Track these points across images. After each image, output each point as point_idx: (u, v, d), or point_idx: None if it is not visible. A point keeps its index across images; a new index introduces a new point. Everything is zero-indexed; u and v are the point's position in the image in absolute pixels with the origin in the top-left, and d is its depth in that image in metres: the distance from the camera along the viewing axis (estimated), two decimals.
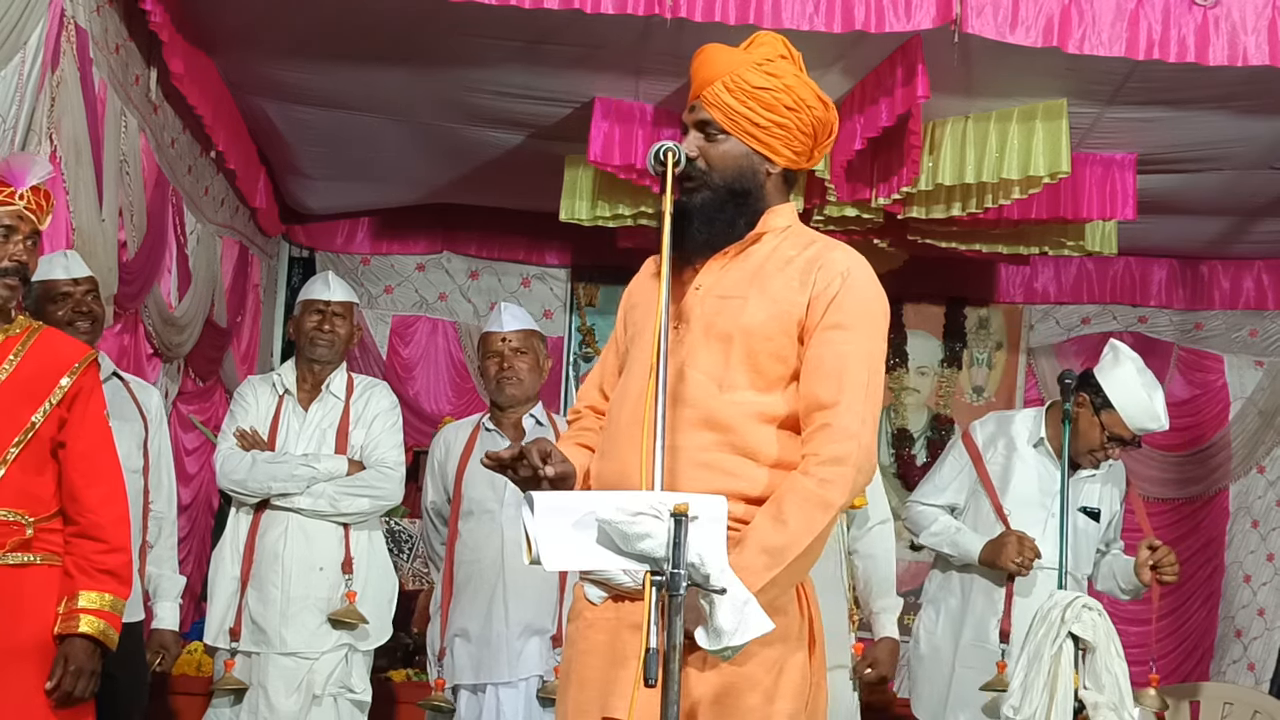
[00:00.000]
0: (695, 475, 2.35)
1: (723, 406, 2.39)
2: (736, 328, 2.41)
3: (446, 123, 5.68)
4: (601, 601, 2.44)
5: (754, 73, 2.47)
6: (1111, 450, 4.14)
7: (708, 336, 2.43)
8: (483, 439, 4.47)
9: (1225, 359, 7.25)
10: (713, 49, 2.54)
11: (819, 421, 2.36)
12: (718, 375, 2.41)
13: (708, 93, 2.47)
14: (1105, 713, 3.80)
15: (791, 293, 2.43)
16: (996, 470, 4.26)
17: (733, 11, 4.13)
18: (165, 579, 4.24)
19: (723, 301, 2.44)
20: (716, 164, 2.47)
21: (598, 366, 2.70)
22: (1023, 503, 4.18)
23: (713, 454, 2.38)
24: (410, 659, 5.94)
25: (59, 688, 2.90)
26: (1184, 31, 4.16)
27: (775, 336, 2.41)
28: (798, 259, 2.47)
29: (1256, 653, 6.96)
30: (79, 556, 2.98)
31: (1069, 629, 3.86)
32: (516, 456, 2.35)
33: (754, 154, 2.49)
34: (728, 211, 2.48)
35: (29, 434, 2.95)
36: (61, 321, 3.83)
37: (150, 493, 4.20)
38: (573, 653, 2.47)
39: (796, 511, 2.30)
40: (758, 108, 2.47)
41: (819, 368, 2.39)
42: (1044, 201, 5.43)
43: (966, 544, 4.25)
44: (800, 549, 2.29)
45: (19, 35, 3.64)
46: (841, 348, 2.38)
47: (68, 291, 3.92)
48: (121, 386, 4.17)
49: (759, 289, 2.44)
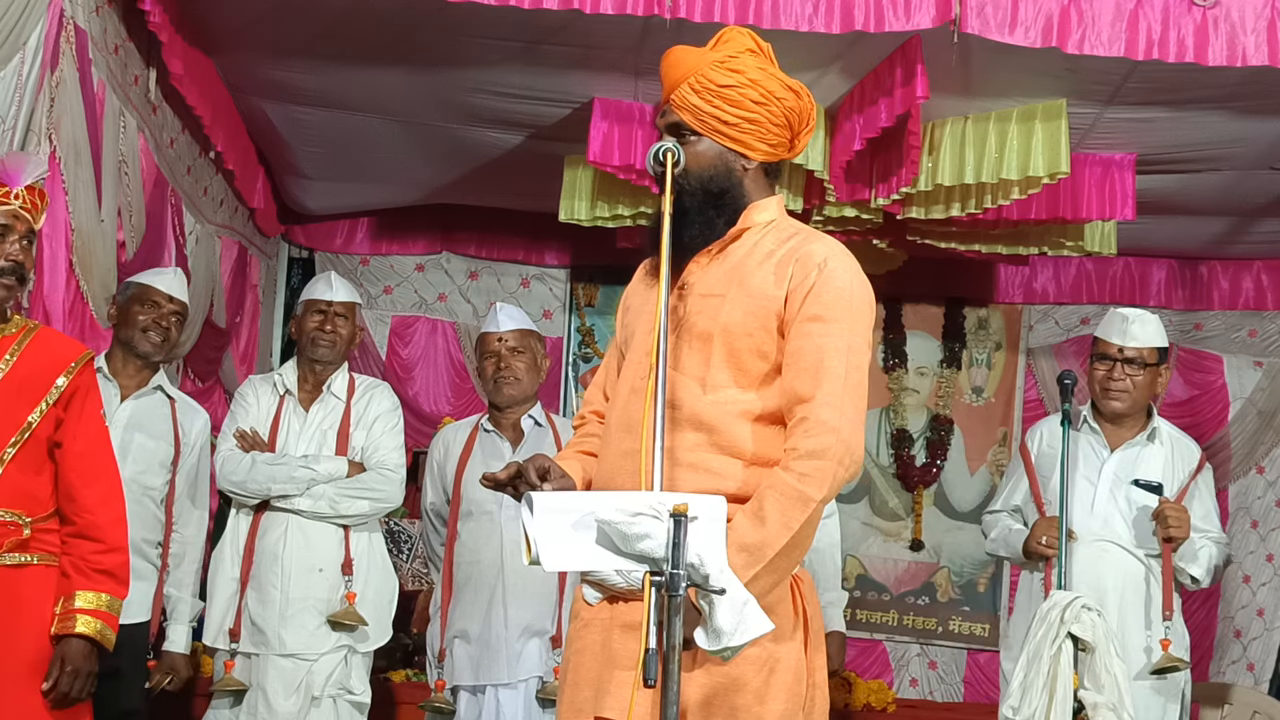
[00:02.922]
0: (683, 476, 2.36)
1: (706, 407, 2.39)
2: (716, 326, 2.42)
3: (446, 123, 5.68)
4: (597, 602, 2.45)
5: (717, 71, 2.48)
6: (1100, 370, 4.19)
7: (690, 336, 2.44)
8: (482, 440, 4.47)
9: (1224, 359, 7.24)
10: (679, 51, 2.54)
11: (798, 415, 2.35)
12: (700, 375, 2.42)
13: (676, 95, 2.49)
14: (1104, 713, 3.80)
15: (769, 286, 2.42)
16: (1045, 461, 4.29)
17: (732, 12, 4.13)
18: (183, 602, 4.29)
19: (704, 300, 2.45)
20: (691, 166, 2.47)
21: (601, 370, 2.71)
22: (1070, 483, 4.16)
23: (699, 454, 2.38)
24: (410, 660, 5.94)
25: (56, 688, 2.90)
26: (1183, 32, 4.16)
27: (755, 332, 2.41)
28: (777, 252, 2.47)
29: (1256, 653, 6.95)
30: (76, 557, 2.98)
31: (1068, 629, 3.86)
32: (515, 475, 2.36)
33: (728, 152, 2.50)
34: (706, 212, 2.48)
35: (25, 434, 2.95)
36: (138, 325, 4.13)
37: (178, 517, 4.25)
38: (569, 653, 2.49)
39: (775, 508, 2.29)
40: (725, 105, 2.47)
41: (797, 361, 2.38)
42: (1043, 202, 5.43)
43: (1015, 541, 4.29)
44: (779, 546, 2.28)
45: (18, 35, 3.64)
46: (819, 340, 2.37)
47: (158, 302, 4.17)
48: (165, 403, 4.23)
49: (738, 285, 2.44)
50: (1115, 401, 4.18)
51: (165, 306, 4.19)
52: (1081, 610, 3.87)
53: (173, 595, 4.26)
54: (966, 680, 7.20)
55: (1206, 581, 4.19)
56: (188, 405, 4.34)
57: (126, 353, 4.19)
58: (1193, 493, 4.21)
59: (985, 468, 7.30)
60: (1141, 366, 4.17)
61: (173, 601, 4.27)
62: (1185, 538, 4.06)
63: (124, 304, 4.18)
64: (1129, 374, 4.16)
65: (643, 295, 2.57)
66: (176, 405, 4.28)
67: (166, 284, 4.21)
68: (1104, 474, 4.19)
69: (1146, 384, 4.19)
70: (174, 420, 4.24)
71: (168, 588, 4.24)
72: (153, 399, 4.22)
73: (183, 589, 4.28)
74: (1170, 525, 4.03)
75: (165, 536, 4.22)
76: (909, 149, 4.87)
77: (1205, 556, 4.13)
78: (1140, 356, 4.17)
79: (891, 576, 7.28)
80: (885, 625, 7.25)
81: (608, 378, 2.67)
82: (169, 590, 4.25)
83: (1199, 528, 4.15)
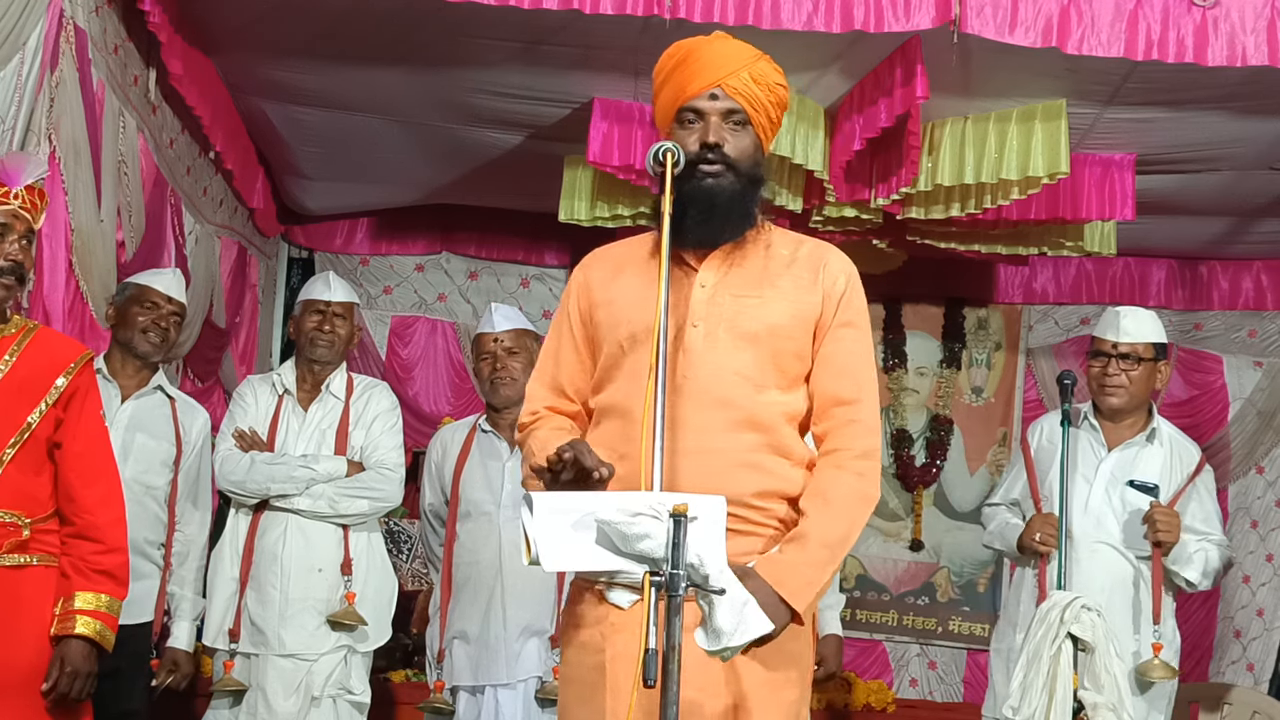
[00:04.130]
0: (742, 476, 2.38)
1: (760, 407, 2.42)
2: (763, 327, 2.44)
3: (445, 123, 5.68)
4: (631, 605, 2.40)
5: (770, 68, 2.50)
6: (1096, 367, 4.21)
7: (734, 336, 2.44)
8: (479, 440, 4.47)
9: (1224, 359, 7.23)
10: (726, 39, 2.54)
11: (845, 417, 2.42)
12: (752, 376, 2.43)
13: (733, 81, 2.46)
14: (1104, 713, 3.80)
15: (804, 291, 2.47)
16: (1044, 456, 4.29)
17: (732, 12, 4.13)
18: (186, 600, 4.30)
19: (740, 300, 2.45)
20: (739, 154, 2.47)
21: (550, 365, 2.60)
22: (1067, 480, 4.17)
23: (758, 454, 2.41)
24: (410, 660, 5.94)
25: (55, 689, 2.90)
26: (1183, 32, 4.16)
27: (797, 335, 2.46)
28: (797, 257, 2.50)
29: (1255, 653, 6.95)
30: (76, 557, 2.98)
31: (1068, 629, 3.86)
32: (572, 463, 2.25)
33: (759, 147, 2.52)
34: (747, 202, 2.49)
35: (25, 434, 2.94)
36: (136, 326, 4.14)
37: (180, 516, 4.26)
38: (599, 659, 2.40)
39: (847, 506, 2.38)
40: (773, 103, 2.50)
41: (835, 365, 2.46)
42: (1043, 202, 5.43)
43: (1010, 535, 4.29)
44: (852, 542, 2.39)
45: (18, 35, 3.64)
46: (853, 346, 2.47)
47: (157, 303, 4.18)
48: (165, 403, 4.24)
49: (771, 288, 2.47)
50: (1112, 397, 4.19)
51: (164, 307, 4.20)
52: (1081, 610, 3.86)
53: (175, 593, 4.27)
54: (966, 680, 7.20)
55: (1204, 585, 4.18)
56: (188, 405, 4.35)
57: (125, 353, 4.19)
58: (1191, 495, 4.20)
59: (985, 468, 7.30)
60: (1137, 361, 4.18)
61: (175, 599, 4.28)
62: (1174, 542, 4.05)
63: (122, 305, 4.18)
64: (1124, 369, 4.17)
65: (637, 289, 2.49)
66: (177, 405, 4.29)
67: (165, 284, 4.22)
68: (1100, 473, 4.19)
69: (1143, 379, 4.19)
70: (175, 420, 4.24)
71: (170, 586, 4.25)
72: (153, 399, 4.23)
73: (185, 586, 4.29)
74: (1159, 529, 4.03)
75: (168, 537, 4.23)
76: (909, 149, 4.87)
77: (1201, 560, 4.12)
78: (1135, 351, 4.18)
79: (891, 577, 7.28)
80: (885, 625, 7.25)
81: (564, 373, 2.57)
82: (172, 588, 4.26)
83: (1198, 530, 4.15)
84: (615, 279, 2.55)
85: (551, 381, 2.59)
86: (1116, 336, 4.19)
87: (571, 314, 2.58)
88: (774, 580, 2.29)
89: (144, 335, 4.16)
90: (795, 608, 2.29)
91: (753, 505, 2.40)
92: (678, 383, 2.40)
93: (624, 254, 2.60)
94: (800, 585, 2.30)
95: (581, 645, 2.45)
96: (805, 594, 2.30)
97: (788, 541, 2.36)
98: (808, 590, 2.31)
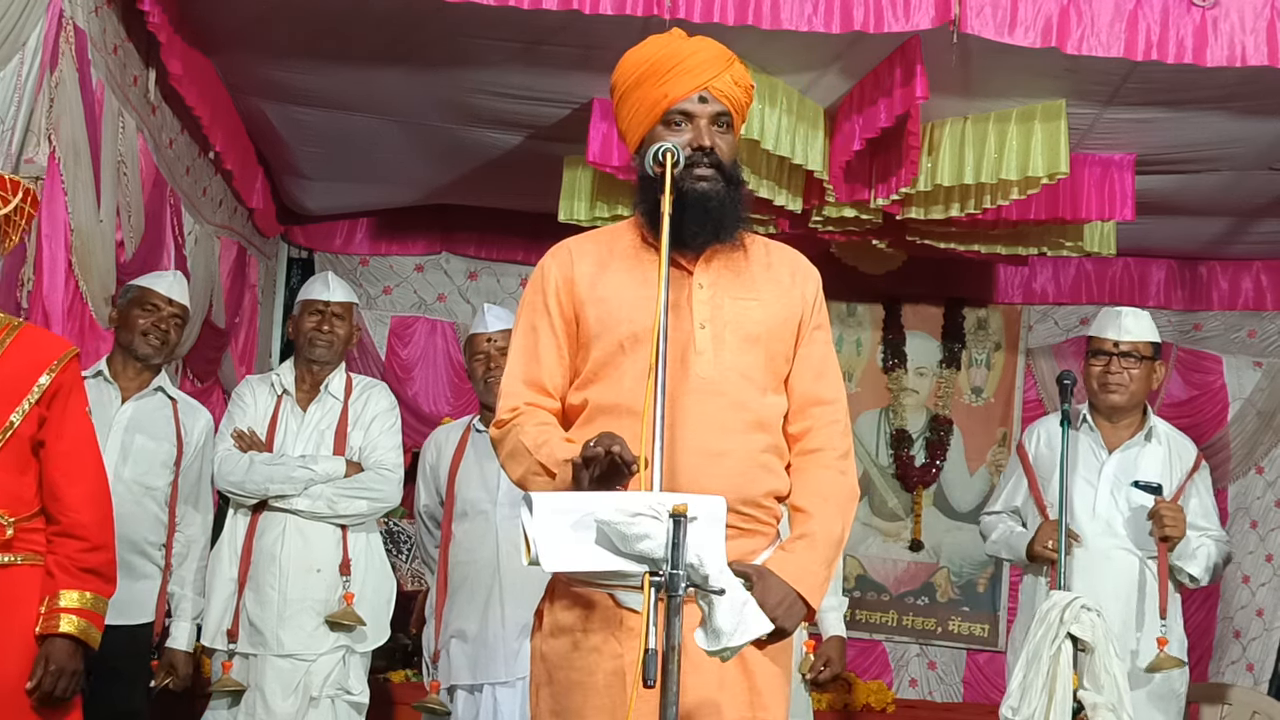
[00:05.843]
0: (756, 477, 2.42)
1: (765, 408, 2.46)
2: (764, 330, 2.46)
3: (445, 123, 5.68)
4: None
5: (743, 70, 2.53)
6: (1097, 366, 4.22)
7: (739, 338, 2.45)
8: (474, 441, 4.46)
9: (1224, 360, 7.23)
10: (707, 41, 2.53)
11: (827, 418, 2.47)
12: (756, 377, 2.46)
13: (719, 84, 2.47)
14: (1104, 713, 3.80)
15: (786, 294, 2.51)
16: (1043, 462, 4.30)
17: (731, 12, 4.13)
18: (186, 600, 4.30)
19: (739, 303, 2.47)
20: (727, 157, 2.48)
21: (528, 361, 2.52)
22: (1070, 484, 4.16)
23: (768, 456, 2.46)
24: (409, 660, 5.94)
25: (39, 687, 2.88)
26: (1182, 32, 4.16)
27: (785, 338, 2.49)
28: (772, 260, 2.54)
29: (1255, 653, 6.95)
30: (61, 555, 2.95)
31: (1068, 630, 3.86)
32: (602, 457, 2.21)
33: (736, 148, 2.53)
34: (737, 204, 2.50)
35: (8, 433, 2.90)
36: (137, 329, 4.16)
37: (181, 517, 4.28)
38: (618, 664, 2.36)
39: (841, 505, 2.44)
40: (746, 104, 2.53)
41: (814, 366, 2.51)
42: (1043, 202, 5.43)
43: (1018, 544, 4.28)
44: (846, 538, 2.45)
45: (18, 36, 3.64)
46: (826, 348, 2.54)
47: (158, 305, 4.20)
48: (166, 404, 4.24)
49: (760, 291, 2.49)
50: (1114, 395, 4.20)
51: (165, 310, 4.21)
52: (1081, 610, 3.86)
53: (176, 593, 4.28)
54: (966, 680, 7.20)
55: (1205, 580, 4.20)
56: (189, 405, 4.35)
57: (126, 355, 4.21)
58: (1190, 491, 4.22)
59: (985, 468, 7.30)
60: (1138, 360, 4.20)
61: (176, 599, 4.29)
62: (1181, 537, 4.07)
63: (124, 307, 4.20)
64: (1125, 367, 4.19)
65: (634, 287, 2.46)
66: (178, 405, 4.29)
67: (166, 287, 4.24)
68: (1103, 476, 4.20)
69: (1143, 378, 4.21)
70: (176, 421, 4.25)
71: (171, 585, 4.25)
72: (154, 400, 4.24)
73: (186, 586, 4.29)
74: (1166, 525, 4.04)
75: (168, 537, 4.23)
76: (908, 149, 4.87)
77: (1204, 555, 4.14)
78: (1136, 350, 4.20)
79: (891, 577, 7.28)
80: (885, 626, 7.25)
81: (545, 370, 2.51)
82: (172, 588, 4.26)
83: (1198, 526, 4.16)
84: (602, 275, 2.50)
85: (531, 378, 2.51)
86: (1118, 335, 4.21)
87: (552, 310, 2.51)
88: (792, 579, 2.34)
89: (144, 338, 4.18)
90: (812, 605, 2.36)
91: (762, 505, 2.45)
92: (691, 383, 2.40)
93: (603, 248, 2.54)
94: (815, 583, 2.37)
95: (594, 649, 2.39)
96: (819, 591, 2.37)
97: (796, 540, 2.40)
98: (821, 588, 2.38)
